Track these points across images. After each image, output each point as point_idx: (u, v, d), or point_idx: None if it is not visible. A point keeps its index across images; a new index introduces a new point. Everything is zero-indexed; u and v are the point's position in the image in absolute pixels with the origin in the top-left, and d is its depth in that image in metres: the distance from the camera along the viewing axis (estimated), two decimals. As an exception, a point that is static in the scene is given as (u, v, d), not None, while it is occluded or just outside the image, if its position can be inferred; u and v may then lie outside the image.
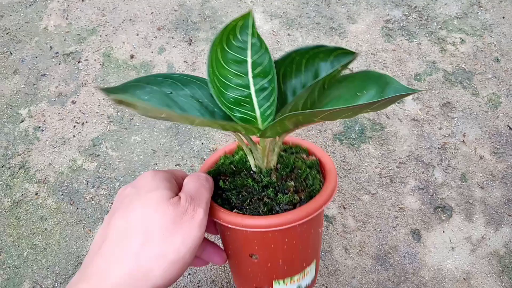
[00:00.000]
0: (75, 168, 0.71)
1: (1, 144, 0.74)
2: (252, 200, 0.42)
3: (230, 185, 0.44)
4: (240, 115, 0.40)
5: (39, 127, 0.75)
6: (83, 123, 0.75)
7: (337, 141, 0.71)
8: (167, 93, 0.38)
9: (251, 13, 0.39)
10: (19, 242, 0.67)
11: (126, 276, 0.34)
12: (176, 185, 0.41)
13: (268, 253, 0.42)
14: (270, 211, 0.41)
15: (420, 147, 0.70)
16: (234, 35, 0.40)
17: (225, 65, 0.40)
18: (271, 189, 0.42)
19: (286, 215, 0.39)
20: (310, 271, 0.47)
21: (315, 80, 0.39)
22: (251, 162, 0.45)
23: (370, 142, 0.71)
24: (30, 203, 0.70)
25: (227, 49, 0.41)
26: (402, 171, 0.69)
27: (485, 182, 0.67)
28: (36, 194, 0.70)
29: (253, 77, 0.41)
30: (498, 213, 0.65)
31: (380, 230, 0.65)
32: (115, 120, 0.75)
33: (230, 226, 0.40)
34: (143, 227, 0.36)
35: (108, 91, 0.32)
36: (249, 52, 0.41)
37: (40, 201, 0.70)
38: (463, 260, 0.63)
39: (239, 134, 0.42)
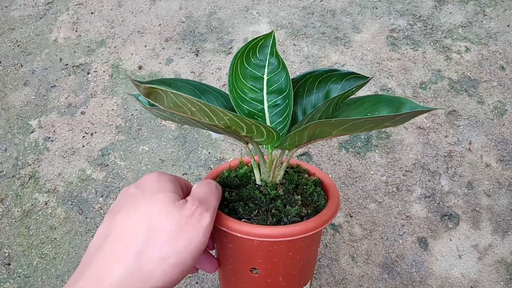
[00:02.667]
0: (84, 178, 0.72)
1: (11, 154, 0.75)
2: (260, 211, 0.42)
3: (236, 197, 0.44)
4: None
5: (49, 137, 0.76)
6: (92, 134, 0.76)
7: (343, 149, 0.72)
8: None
9: (273, 33, 0.43)
10: (29, 252, 0.68)
11: (126, 276, 0.34)
12: (181, 189, 0.40)
13: (270, 267, 0.42)
14: (278, 222, 0.42)
15: (426, 155, 0.70)
16: (254, 52, 0.44)
17: (243, 80, 0.43)
18: (279, 201, 0.43)
19: (296, 225, 0.39)
20: None
21: (331, 98, 0.40)
22: (257, 176, 0.46)
23: (376, 151, 0.71)
24: (40, 212, 0.71)
25: (246, 65, 0.44)
26: (408, 179, 0.69)
27: (491, 190, 0.67)
28: (46, 203, 0.71)
29: (267, 93, 0.44)
30: (505, 220, 0.65)
31: (387, 239, 0.65)
32: (124, 130, 0.76)
33: (238, 235, 0.39)
34: (146, 228, 0.36)
35: (139, 82, 0.33)
36: (266, 70, 0.44)
37: (50, 210, 0.71)
38: (470, 268, 0.63)
39: (248, 147, 0.43)
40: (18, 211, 0.71)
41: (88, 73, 0.82)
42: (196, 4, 0.88)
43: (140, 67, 0.81)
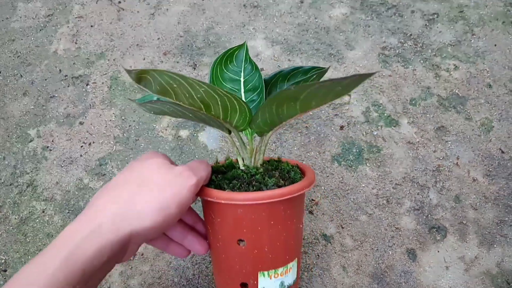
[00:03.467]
0: (82, 186, 0.74)
1: (10, 163, 0.76)
2: (242, 185, 0.48)
3: (221, 178, 0.50)
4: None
5: (47, 146, 0.78)
6: (90, 144, 0.77)
7: (336, 162, 0.74)
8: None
9: (246, 44, 0.54)
10: (26, 258, 0.69)
11: (118, 213, 0.39)
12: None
13: (255, 236, 0.47)
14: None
15: (415, 169, 0.72)
16: (231, 60, 0.55)
17: (222, 82, 0.51)
18: (259, 175, 0.49)
19: (272, 190, 0.45)
20: (293, 269, 0.51)
21: (292, 83, 0.52)
22: (240, 162, 0.52)
23: (367, 164, 0.73)
24: (37, 220, 0.72)
25: (225, 70, 0.55)
26: (398, 192, 0.71)
27: (478, 204, 0.70)
28: (43, 211, 0.72)
29: (245, 91, 0.53)
30: (491, 233, 0.67)
31: (377, 250, 0.67)
32: (121, 140, 0.77)
33: (223, 202, 0.45)
34: (140, 179, 0.42)
35: (130, 71, 0.38)
36: (242, 74, 0.55)
37: (47, 218, 0.72)
38: (457, 279, 0.65)
39: (231, 137, 0.51)
40: (15, 218, 0.72)
41: (87, 84, 0.83)
42: (194, 19, 0.90)
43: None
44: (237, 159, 0.54)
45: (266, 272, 0.48)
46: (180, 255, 0.53)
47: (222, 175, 0.51)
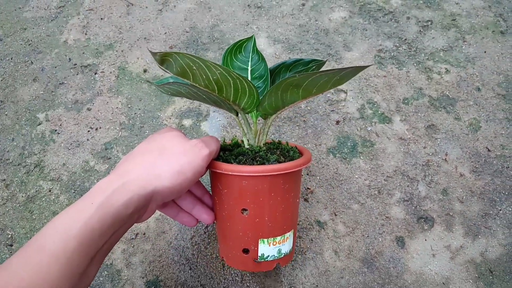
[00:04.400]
0: (88, 168, 0.77)
1: (18, 144, 0.79)
2: (247, 160, 0.54)
3: (229, 154, 0.56)
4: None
5: (55, 130, 0.81)
6: (96, 129, 0.81)
7: (331, 154, 0.78)
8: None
9: (254, 37, 0.61)
10: (31, 234, 0.72)
11: (142, 174, 0.45)
12: None
13: (257, 206, 0.52)
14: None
15: (406, 163, 0.76)
16: (239, 51, 0.61)
17: (231, 69, 0.54)
18: (262, 152, 0.54)
19: (274, 165, 0.51)
20: (289, 239, 0.56)
21: (297, 71, 0.58)
22: (245, 142, 0.57)
23: (361, 157, 0.77)
24: (44, 199, 0.75)
25: (234, 59, 0.60)
26: (389, 184, 0.75)
27: (464, 197, 0.74)
28: (50, 191, 0.75)
29: (252, 79, 0.57)
30: (476, 225, 0.71)
31: (367, 236, 0.71)
32: (127, 127, 0.81)
33: (230, 173, 0.50)
34: (160, 148, 0.48)
35: (155, 53, 0.44)
36: (249, 63, 0.60)
37: (53, 197, 0.75)
38: (443, 266, 0.69)
39: (238, 119, 0.56)
40: (22, 196, 0.75)
41: (95, 73, 0.87)
42: (200, 16, 0.95)
43: (145, 70, 0.87)
44: (242, 140, 0.58)
45: (265, 240, 0.52)
46: (189, 224, 0.58)
47: (229, 152, 0.57)
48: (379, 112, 0.81)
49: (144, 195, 0.44)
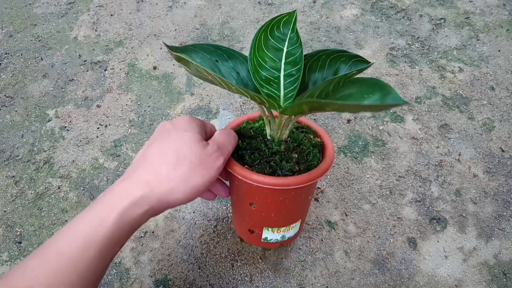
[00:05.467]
0: (97, 166, 0.77)
1: (28, 140, 0.79)
2: (261, 161, 0.52)
3: (246, 146, 0.54)
4: (267, 91, 0.50)
5: (65, 127, 0.80)
6: (106, 126, 0.80)
7: (342, 153, 0.77)
8: (214, 60, 0.49)
9: (295, 12, 0.50)
10: (40, 232, 0.72)
11: (161, 188, 0.46)
12: (205, 132, 0.52)
13: (265, 204, 0.52)
14: (273, 173, 0.51)
15: (418, 163, 0.75)
16: (278, 27, 0.50)
17: (265, 50, 0.49)
18: (278, 156, 0.52)
19: (285, 179, 0.48)
20: (295, 227, 0.57)
21: (334, 76, 0.48)
22: (268, 131, 0.55)
23: (372, 156, 0.76)
24: (53, 196, 0.74)
25: (270, 37, 0.51)
26: (401, 184, 0.74)
27: (477, 198, 0.72)
28: (59, 188, 0.75)
29: (285, 63, 0.50)
30: (489, 227, 0.70)
31: (378, 237, 0.70)
32: (136, 124, 0.80)
33: (240, 177, 0.49)
34: (175, 156, 0.47)
35: (172, 49, 0.43)
36: (286, 43, 0.50)
37: (62, 194, 0.74)
38: (455, 268, 0.67)
39: (263, 107, 0.52)
40: (31, 193, 0.75)
41: (105, 70, 0.87)
42: (210, 13, 0.94)
43: (154, 67, 0.87)
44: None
45: (270, 228, 0.53)
46: (209, 198, 0.60)
47: (248, 141, 0.55)
48: (391, 111, 0.80)
49: (160, 208, 0.47)
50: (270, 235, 0.54)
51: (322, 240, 0.70)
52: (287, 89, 0.50)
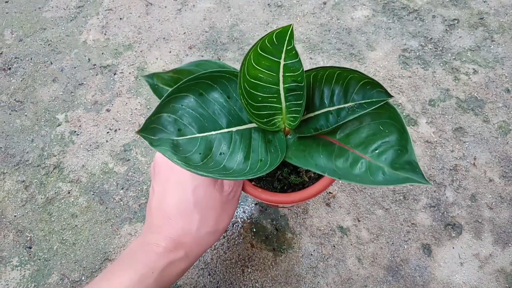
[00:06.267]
0: (107, 170, 0.76)
1: (37, 145, 0.79)
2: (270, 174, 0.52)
3: None
4: (266, 112, 0.44)
5: (75, 131, 0.80)
6: (115, 130, 0.80)
7: (354, 158, 0.75)
8: (200, 94, 0.43)
9: (291, 26, 0.37)
10: (50, 237, 0.71)
11: (191, 245, 0.48)
12: None
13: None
14: (282, 188, 0.51)
15: (432, 168, 0.74)
16: (271, 42, 0.38)
17: (256, 66, 0.40)
18: (286, 169, 0.51)
19: (294, 195, 0.48)
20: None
21: (333, 126, 0.44)
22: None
23: (385, 161, 0.75)
24: (63, 200, 0.74)
25: (261, 53, 0.39)
26: (415, 188, 0.72)
27: (494, 203, 0.71)
28: (69, 192, 0.75)
29: (284, 76, 0.42)
30: (506, 232, 0.69)
31: (392, 243, 0.68)
32: (146, 128, 0.80)
33: (249, 194, 0.50)
34: (199, 209, 0.48)
35: (140, 132, 0.39)
36: (283, 55, 0.39)
37: (72, 199, 0.74)
38: (471, 275, 0.66)
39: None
40: (41, 198, 0.74)
41: (114, 74, 0.86)
42: (219, 16, 0.93)
43: (164, 71, 0.86)
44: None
45: None
46: None
47: None
48: (404, 114, 0.79)
49: (195, 260, 0.51)
50: None
51: (334, 246, 0.69)
52: (290, 102, 0.44)
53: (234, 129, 0.44)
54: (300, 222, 0.70)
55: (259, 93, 0.42)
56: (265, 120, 0.44)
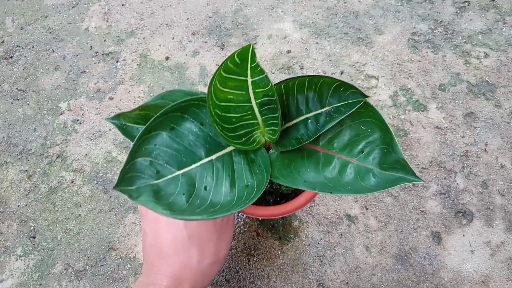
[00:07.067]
0: (110, 159, 0.75)
1: (40, 134, 0.78)
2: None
3: None
4: (243, 131, 0.43)
5: (77, 120, 0.79)
6: (118, 118, 0.79)
7: (362, 144, 0.74)
8: (172, 128, 0.41)
9: (251, 45, 0.34)
10: (54, 226, 0.71)
11: (194, 276, 0.48)
12: None
13: None
14: (275, 200, 0.52)
15: (442, 154, 0.72)
16: (234, 63, 0.36)
17: (223, 89, 0.38)
18: (275, 181, 0.49)
19: (290, 205, 0.49)
20: None
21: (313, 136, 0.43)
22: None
23: (394, 147, 0.73)
24: (66, 190, 0.73)
25: (226, 75, 0.37)
26: (424, 176, 0.71)
27: (505, 190, 0.69)
28: (72, 182, 0.74)
29: (254, 92, 0.40)
30: (519, 220, 0.67)
31: (401, 231, 0.67)
32: (149, 116, 0.78)
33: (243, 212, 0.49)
34: (195, 242, 0.48)
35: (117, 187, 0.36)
36: (248, 73, 0.37)
37: (76, 188, 0.73)
38: (482, 263, 0.64)
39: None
40: (44, 187, 0.74)
41: (117, 61, 0.85)
42: (223, 1, 0.91)
43: (167, 58, 0.84)
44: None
45: None
46: None
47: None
48: (413, 99, 0.77)
49: None
50: None
51: (341, 235, 0.67)
52: (265, 116, 0.42)
53: (213, 156, 0.42)
54: (307, 211, 0.69)
55: (232, 115, 0.41)
56: (243, 139, 0.42)
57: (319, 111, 0.41)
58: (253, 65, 0.36)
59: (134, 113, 0.45)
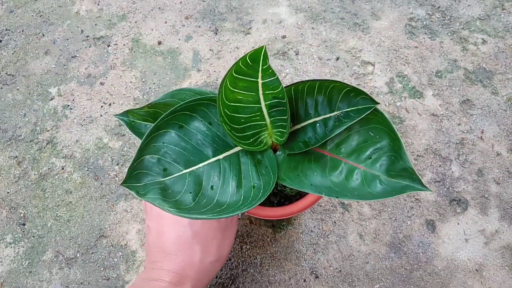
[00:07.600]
0: (101, 145, 0.74)
1: (30, 120, 0.77)
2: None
3: None
4: (251, 131, 0.42)
5: (68, 105, 0.78)
6: (110, 104, 0.77)
7: (356, 132, 0.73)
8: (180, 126, 0.41)
9: (264, 47, 0.34)
10: (44, 213, 0.70)
11: (196, 276, 0.48)
12: None
13: None
14: (279, 201, 0.53)
15: (438, 141, 0.71)
16: (246, 64, 0.36)
17: (234, 89, 0.38)
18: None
19: (291, 207, 0.50)
20: None
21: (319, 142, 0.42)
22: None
23: (389, 134, 0.72)
24: (56, 176, 0.72)
25: (237, 76, 0.37)
26: (419, 163, 0.70)
27: (501, 178, 0.68)
28: (63, 168, 0.73)
29: (264, 94, 0.40)
30: (513, 208, 0.66)
31: (395, 219, 0.66)
32: (141, 102, 0.77)
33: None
34: (198, 239, 0.48)
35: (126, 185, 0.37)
36: (259, 74, 0.37)
37: (66, 175, 0.72)
38: (476, 252, 0.64)
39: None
40: (34, 174, 0.72)
41: (108, 46, 0.83)
42: (217, -16, 0.89)
43: (159, 43, 0.83)
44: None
45: None
46: None
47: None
48: (410, 86, 0.76)
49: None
50: None
51: (335, 223, 0.67)
52: (274, 117, 0.42)
53: (221, 156, 0.42)
54: (300, 198, 0.68)
55: (241, 115, 0.41)
56: (251, 140, 0.42)
57: (328, 115, 0.41)
58: (265, 67, 0.36)
59: (143, 110, 0.46)
